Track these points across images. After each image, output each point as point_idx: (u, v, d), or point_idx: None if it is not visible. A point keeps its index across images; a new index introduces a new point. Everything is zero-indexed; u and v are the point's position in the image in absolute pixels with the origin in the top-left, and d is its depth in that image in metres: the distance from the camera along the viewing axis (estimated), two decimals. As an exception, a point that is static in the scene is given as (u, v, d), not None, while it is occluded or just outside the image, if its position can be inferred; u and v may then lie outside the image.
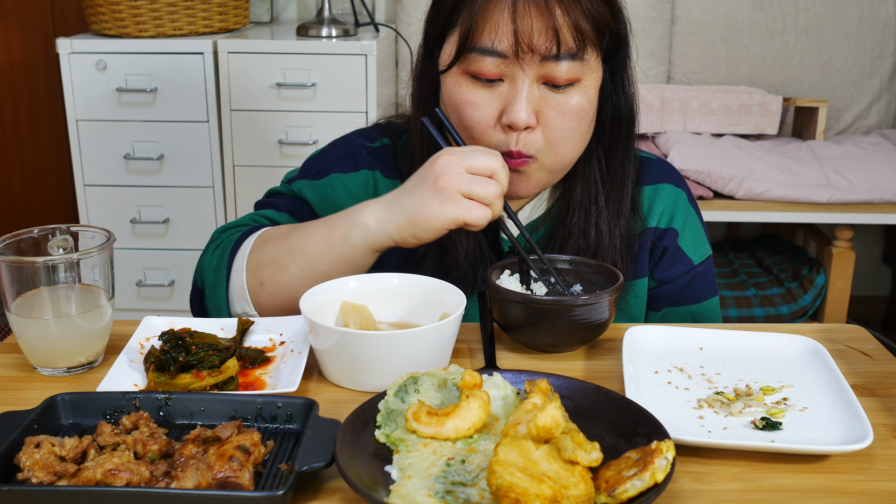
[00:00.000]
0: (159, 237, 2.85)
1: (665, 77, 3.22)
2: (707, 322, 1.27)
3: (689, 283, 1.26)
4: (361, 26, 2.96)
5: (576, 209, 1.20)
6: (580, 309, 0.99)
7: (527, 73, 1.08)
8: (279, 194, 1.28)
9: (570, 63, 1.07)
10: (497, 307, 1.03)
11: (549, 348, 1.03)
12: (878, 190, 2.63)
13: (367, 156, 1.26)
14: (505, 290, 1.01)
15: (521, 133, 1.10)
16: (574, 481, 0.71)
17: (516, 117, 1.08)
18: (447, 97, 1.14)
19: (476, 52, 1.08)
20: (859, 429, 0.82)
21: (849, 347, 1.06)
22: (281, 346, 1.04)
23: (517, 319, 1.01)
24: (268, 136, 2.74)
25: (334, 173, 1.25)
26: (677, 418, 0.88)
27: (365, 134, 1.30)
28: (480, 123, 1.11)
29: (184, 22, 2.72)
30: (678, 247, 1.25)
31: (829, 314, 2.80)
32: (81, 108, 2.73)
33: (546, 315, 0.99)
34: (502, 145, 1.11)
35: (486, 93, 1.10)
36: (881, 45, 3.16)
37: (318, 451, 0.76)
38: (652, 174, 1.27)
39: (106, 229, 1.00)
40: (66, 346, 0.97)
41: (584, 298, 0.99)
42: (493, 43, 1.07)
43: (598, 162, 1.20)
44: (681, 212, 1.26)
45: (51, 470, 0.75)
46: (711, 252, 1.31)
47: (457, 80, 1.12)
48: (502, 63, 1.08)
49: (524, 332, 1.02)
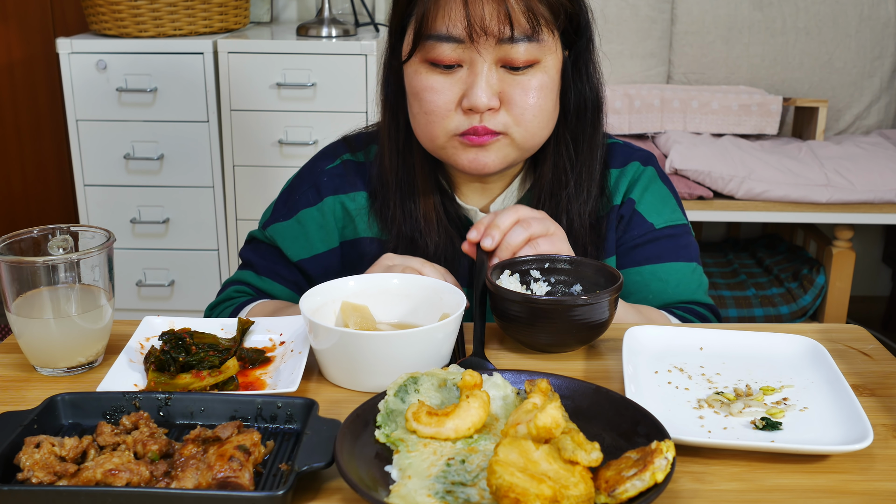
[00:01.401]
0: (159, 237, 2.85)
1: (665, 77, 3.22)
2: (675, 290, 1.26)
3: (646, 244, 1.25)
4: (361, 26, 2.96)
5: (547, 197, 1.23)
6: (580, 309, 0.99)
7: (484, 57, 1.10)
8: (257, 241, 1.34)
9: (526, 45, 1.10)
10: (497, 307, 1.03)
11: (548, 348, 1.03)
12: (878, 190, 2.63)
13: (328, 182, 1.30)
14: (504, 289, 1.01)
15: (484, 114, 1.12)
16: (574, 481, 0.71)
17: (476, 100, 1.10)
18: (408, 87, 1.17)
19: (432, 40, 1.11)
20: (859, 429, 0.82)
21: (849, 347, 1.06)
22: (281, 346, 1.04)
23: (517, 319, 1.01)
24: (268, 136, 2.74)
25: (302, 210, 1.29)
26: (677, 418, 0.88)
27: (328, 154, 1.34)
28: (440, 108, 1.13)
29: (184, 22, 2.72)
30: (635, 212, 1.26)
31: (829, 314, 2.80)
32: (81, 108, 2.73)
33: (546, 315, 0.99)
34: (463, 126, 1.13)
35: (446, 79, 1.13)
36: (881, 45, 3.16)
37: (318, 451, 0.76)
38: (619, 157, 1.30)
39: (106, 229, 1.00)
40: (66, 346, 0.97)
41: (584, 298, 0.99)
42: (447, 28, 1.09)
43: (567, 148, 1.22)
44: (641, 183, 1.28)
45: (51, 470, 0.75)
46: (686, 223, 1.30)
47: (416, 68, 1.14)
48: (459, 48, 1.10)
49: (524, 332, 1.02)
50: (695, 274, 1.27)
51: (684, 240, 1.28)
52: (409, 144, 1.24)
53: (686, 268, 1.27)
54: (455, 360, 1.00)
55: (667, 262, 1.26)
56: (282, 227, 1.30)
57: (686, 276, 1.26)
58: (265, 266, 1.31)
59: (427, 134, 1.16)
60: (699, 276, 1.28)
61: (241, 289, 1.31)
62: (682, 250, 1.27)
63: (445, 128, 1.14)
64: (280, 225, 1.30)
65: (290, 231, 1.29)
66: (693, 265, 1.27)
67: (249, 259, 1.33)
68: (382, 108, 1.26)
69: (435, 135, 1.15)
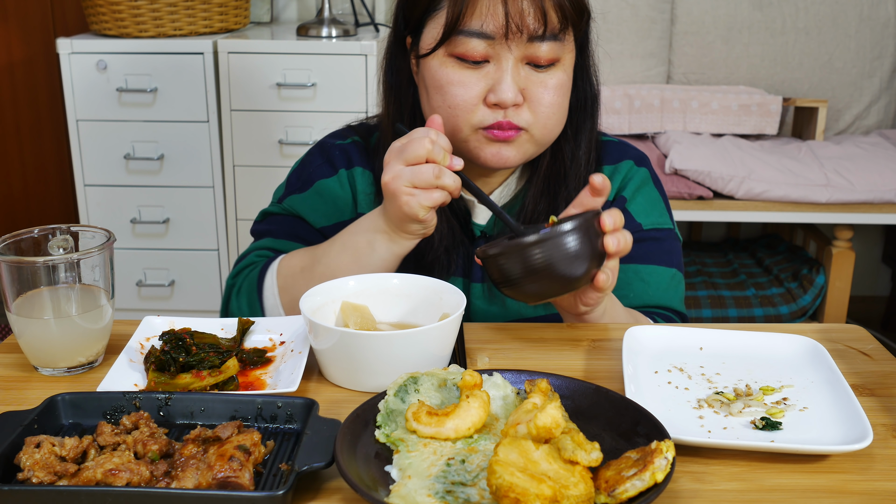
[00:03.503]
0: (159, 237, 2.85)
1: (665, 77, 3.22)
2: (654, 293, 1.25)
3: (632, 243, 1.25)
4: (361, 26, 2.96)
5: (545, 188, 1.24)
6: (568, 236, 0.95)
7: (512, 53, 1.12)
8: (272, 215, 1.31)
9: (551, 44, 1.12)
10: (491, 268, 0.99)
11: (547, 290, 0.99)
12: (878, 190, 2.63)
13: (341, 155, 1.30)
14: (492, 248, 0.97)
15: (508, 110, 1.14)
16: (574, 481, 0.71)
17: (504, 96, 1.12)
18: (430, 79, 1.17)
19: (464, 35, 1.12)
20: (859, 429, 0.82)
21: (849, 347, 1.06)
22: (281, 346, 1.04)
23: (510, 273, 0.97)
24: (268, 136, 2.74)
25: (319, 180, 1.29)
26: (677, 418, 0.88)
27: (336, 134, 1.35)
28: (466, 102, 1.14)
29: (184, 22, 2.72)
30: (625, 209, 1.27)
31: (828, 314, 2.80)
32: (81, 108, 2.73)
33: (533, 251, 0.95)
34: (487, 120, 1.14)
35: (472, 73, 1.14)
36: (881, 45, 3.16)
37: (318, 451, 0.76)
38: (613, 154, 1.31)
39: (106, 229, 1.01)
40: (67, 346, 0.97)
41: (570, 223, 0.95)
42: (482, 25, 1.10)
43: (567, 142, 1.24)
44: (633, 183, 1.29)
45: (51, 470, 0.75)
46: (674, 230, 1.31)
47: (441, 61, 1.15)
48: (489, 44, 1.12)
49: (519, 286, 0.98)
50: (674, 280, 1.28)
51: (668, 244, 1.29)
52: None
53: (667, 273, 1.27)
54: (455, 360, 1.00)
55: (650, 263, 1.26)
56: (299, 198, 1.29)
57: (666, 280, 1.27)
58: (284, 231, 1.28)
59: (450, 127, 1.16)
60: (678, 283, 1.29)
61: (263, 253, 1.27)
62: (666, 255, 1.28)
63: (470, 122, 1.15)
64: (297, 197, 1.29)
65: (310, 201, 1.28)
66: (673, 271, 1.28)
67: (266, 229, 1.30)
68: (385, 97, 1.26)
69: (459, 128, 1.16)
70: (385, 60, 1.26)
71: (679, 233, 1.34)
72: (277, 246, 1.28)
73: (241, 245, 2.84)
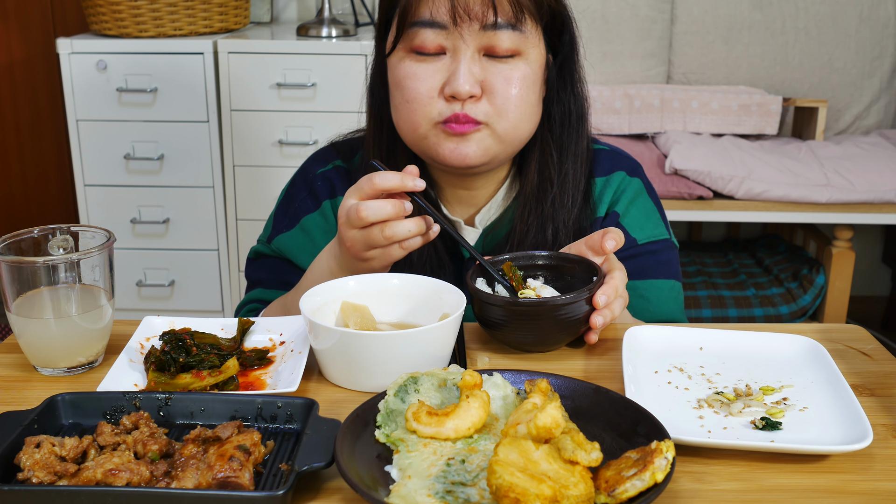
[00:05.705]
0: (159, 237, 2.85)
1: (665, 77, 3.22)
2: (655, 308, 1.26)
3: (628, 259, 1.24)
4: (361, 26, 2.96)
5: (532, 206, 1.22)
6: (563, 309, 0.99)
7: (468, 44, 1.11)
8: (263, 257, 1.33)
9: (510, 33, 1.11)
10: (480, 312, 1.03)
11: (532, 348, 1.04)
12: (878, 190, 2.63)
13: (323, 185, 1.30)
14: (485, 293, 1.02)
15: (466, 102, 1.12)
16: (574, 481, 0.71)
17: (458, 86, 1.10)
18: (392, 78, 1.17)
19: (416, 26, 1.12)
20: (859, 429, 0.82)
21: (848, 347, 1.06)
22: (281, 346, 1.04)
23: (498, 321, 1.01)
24: (268, 136, 2.74)
25: (304, 217, 1.29)
26: (677, 418, 0.88)
27: (318, 158, 1.35)
28: (422, 94, 1.13)
29: (184, 22, 2.72)
30: (619, 225, 1.26)
31: (828, 314, 2.80)
32: (81, 108, 2.73)
33: (529, 316, 0.99)
34: (445, 113, 1.13)
35: (428, 66, 1.13)
36: (881, 45, 3.16)
37: (318, 451, 0.76)
38: (604, 165, 1.29)
39: (106, 229, 1.01)
40: (67, 346, 0.97)
41: (564, 298, 0.98)
42: (430, 13, 1.10)
43: (551, 157, 1.22)
44: (626, 196, 1.27)
45: (51, 470, 0.75)
46: (670, 238, 1.30)
47: (400, 57, 1.15)
48: (442, 34, 1.11)
49: (508, 335, 1.02)
50: (673, 291, 1.27)
51: (665, 255, 1.28)
52: (392, 151, 1.24)
53: (666, 285, 1.26)
54: (455, 361, 1.00)
55: (648, 278, 1.25)
56: (287, 237, 1.30)
57: (665, 293, 1.26)
58: (274, 279, 1.31)
59: (409, 123, 1.15)
60: (677, 294, 1.28)
61: (255, 306, 1.31)
62: (663, 266, 1.27)
63: (428, 115, 1.13)
64: (285, 236, 1.30)
65: (296, 240, 1.29)
66: (671, 282, 1.27)
67: (258, 277, 1.33)
68: (368, 114, 1.27)
69: (417, 123, 1.15)
70: (369, 79, 1.26)
71: (675, 240, 1.33)
72: (268, 297, 1.30)
73: (240, 245, 2.84)
